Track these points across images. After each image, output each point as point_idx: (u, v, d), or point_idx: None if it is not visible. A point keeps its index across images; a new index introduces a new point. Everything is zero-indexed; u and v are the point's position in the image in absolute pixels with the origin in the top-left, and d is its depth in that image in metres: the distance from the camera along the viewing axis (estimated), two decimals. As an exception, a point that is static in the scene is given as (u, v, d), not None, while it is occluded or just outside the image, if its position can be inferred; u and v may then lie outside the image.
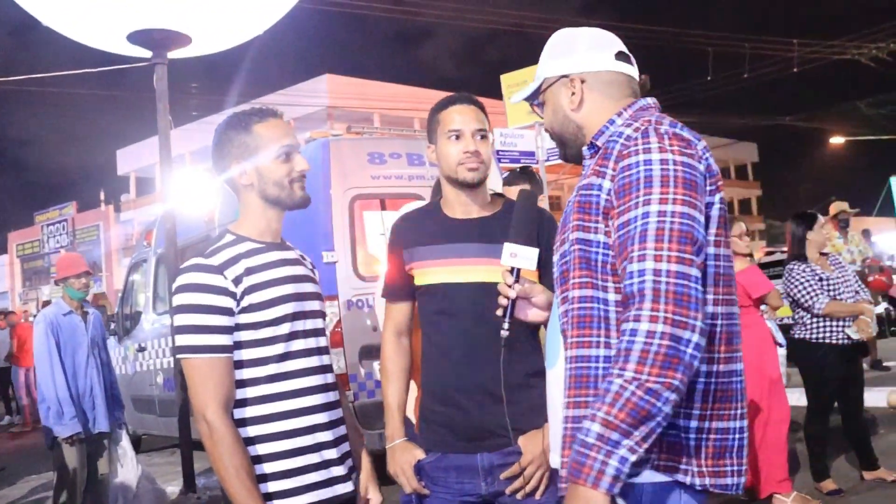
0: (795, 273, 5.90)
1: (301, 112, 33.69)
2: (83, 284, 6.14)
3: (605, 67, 2.11)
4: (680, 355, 1.71)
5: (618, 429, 1.70)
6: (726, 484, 1.89)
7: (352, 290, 6.66)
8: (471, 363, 2.62)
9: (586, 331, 1.91)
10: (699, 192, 1.86)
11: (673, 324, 1.72)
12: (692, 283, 1.76)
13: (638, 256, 1.79)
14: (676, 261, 1.76)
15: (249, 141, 2.44)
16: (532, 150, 11.97)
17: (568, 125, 2.14)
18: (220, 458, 2.25)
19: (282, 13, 7.69)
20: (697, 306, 1.75)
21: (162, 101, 7.31)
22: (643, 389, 1.70)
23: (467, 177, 2.67)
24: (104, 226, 42.58)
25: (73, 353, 6.03)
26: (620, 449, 1.70)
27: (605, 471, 1.70)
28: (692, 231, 1.80)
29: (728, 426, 1.90)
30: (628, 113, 2.06)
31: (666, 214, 1.80)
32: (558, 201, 31.91)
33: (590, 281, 1.93)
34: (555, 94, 2.15)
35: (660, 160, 1.85)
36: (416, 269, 2.74)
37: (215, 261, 2.35)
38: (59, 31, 7.25)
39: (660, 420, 1.72)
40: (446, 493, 2.66)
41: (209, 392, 2.28)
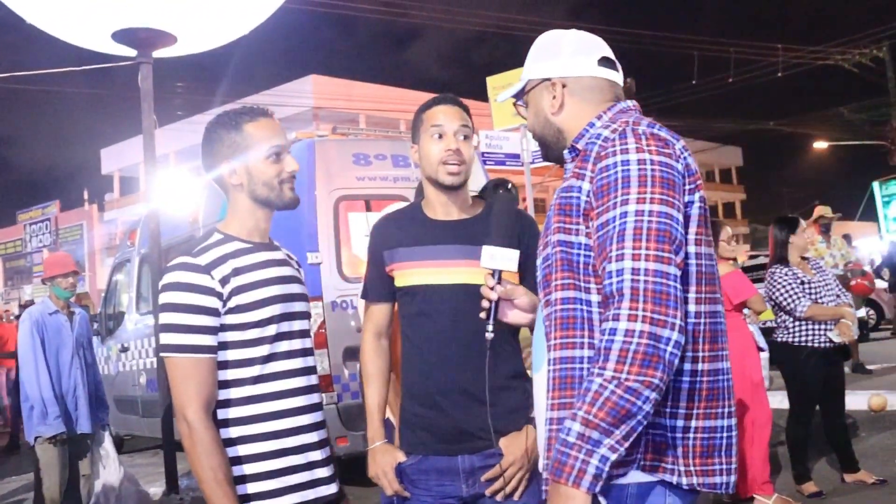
0: (777, 277, 5.95)
1: (286, 113, 33.61)
2: (70, 284, 6.12)
3: (588, 73, 2.12)
4: (660, 353, 1.72)
5: (598, 427, 1.71)
6: (715, 483, 1.90)
7: (336, 291, 6.66)
8: (451, 365, 2.62)
9: (570, 332, 1.92)
10: (677, 191, 1.87)
11: (652, 322, 1.72)
12: (671, 282, 1.77)
13: (616, 256, 1.80)
14: (655, 259, 1.77)
15: (239, 140, 2.43)
16: (517, 153, 11.98)
17: (548, 128, 2.15)
18: (198, 458, 2.24)
19: (268, 13, 7.67)
20: (676, 304, 1.76)
21: (147, 100, 7.28)
22: (623, 388, 1.71)
23: (447, 180, 2.67)
24: (87, 225, 42.36)
25: (57, 353, 6.01)
26: (601, 448, 1.71)
27: (586, 470, 1.70)
28: (670, 230, 1.81)
29: (715, 425, 1.90)
30: (608, 116, 2.07)
31: (644, 214, 1.81)
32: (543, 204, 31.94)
33: (572, 282, 1.93)
34: (537, 96, 2.16)
35: (637, 160, 1.86)
36: (396, 270, 2.73)
37: (202, 260, 2.34)
38: (43, 28, 7.21)
39: (640, 419, 1.73)
40: (427, 495, 2.66)
41: (191, 392, 2.27)
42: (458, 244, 2.66)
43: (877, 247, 22.28)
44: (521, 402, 2.66)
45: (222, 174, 2.46)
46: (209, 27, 7.48)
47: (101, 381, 6.47)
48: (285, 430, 2.38)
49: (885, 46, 27.06)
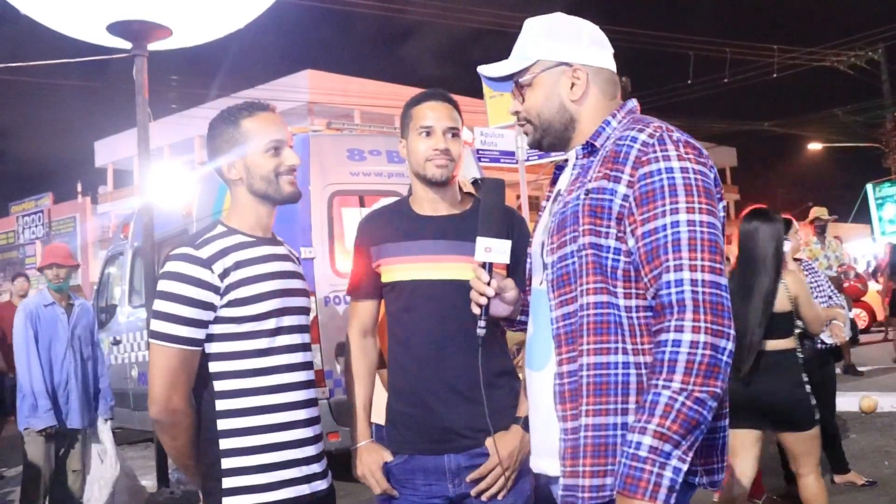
0: None
1: (282, 107, 33.49)
2: (54, 275, 6.06)
3: (607, 66, 2.10)
4: (719, 364, 1.75)
5: (670, 440, 1.72)
6: (714, 480, 1.94)
7: (329, 286, 6.66)
8: (439, 362, 2.61)
9: (604, 337, 1.89)
10: (715, 200, 1.89)
11: (713, 333, 1.75)
12: (723, 292, 1.80)
13: (675, 266, 1.80)
14: (710, 270, 1.79)
15: (237, 136, 2.43)
16: (512, 150, 11.98)
17: (562, 114, 2.09)
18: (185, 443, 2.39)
19: (264, 7, 7.65)
20: (730, 315, 1.79)
21: (141, 93, 7.26)
22: (692, 399, 1.72)
23: (435, 173, 2.64)
24: (81, 218, 42.23)
25: (49, 346, 5.96)
26: (673, 460, 1.72)
27: (661, 483, 1.71)
28: (718, 240, 1.84)
29: (717, 425, 1.94)
30: (621, 114, 2.06)
31: (695, 224, 1.82)
32: (537, 201, 31.94)
33: (605, 287, 1.91)
34: (551, 79, 2.09)
35: (680, 168, 1.86)
36: (383, 265, 2.71)
37: (204, 253, 2.34)
38: (38, 20, 7.18)
39: (703, 428, 1.75)
40: (413, 495, 2.64)
41: (180, 381, 2.32)
42: (446, 239, 2.64)
43: (869, 249, 22.33)
44: (508, 401, 2.65)
45: (222, 169, 2.47)
46: (205, 20, 7.46)
47: (103, 375, 6.40)
48: (283, 424, 2.39)
49: (880, 49, 27.12)
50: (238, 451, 2.34)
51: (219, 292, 2.32)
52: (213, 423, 2.37)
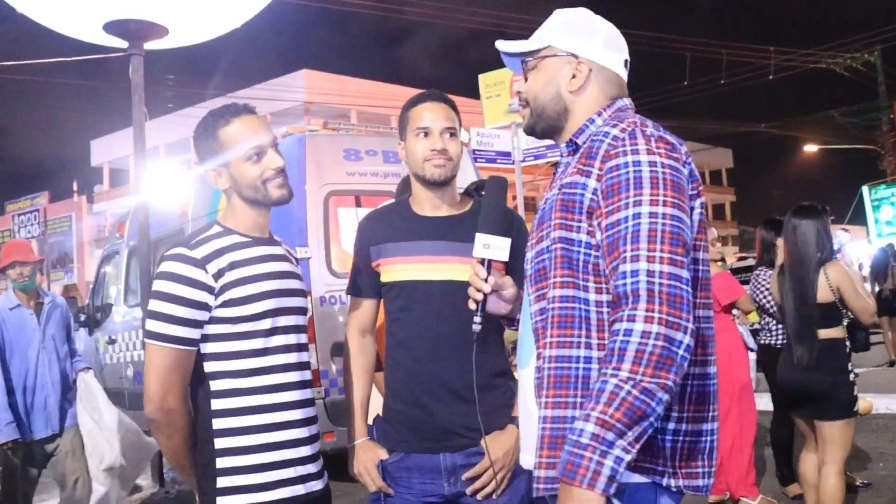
0: (762, 279, 5.97)
1: (278, 107, 33.56)
2: (18, 274, 5.59)
3: (613, 68, 2.11)
4: (673, 356, 1.71)
5: (613, 428, 1.69)
6: (698, 485, 1.91)
7: (325, 286, 6.65)
8: (437, 362, 2.62)
9: (567, 331, 1.90)
10: (685, 195, 1.87)
11: (667, 325, 1.72)
12: (683, 285, 1.77)
13: (631, 257, 1.79)
14: (669, 262, 1.77)
15: (217, 147, 2.43)
16: (508, 151, 11.99)
17: (557, 102, 2.11)
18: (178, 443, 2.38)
19: (260, 7, 7.64)
20: (689, 308, 1.76)
21: (137, 92, 7.23)
22: (639, 389, 1.69)
23: (434, 173, 2.66)
24: (76, 217, 42.22)
25: (22, 352, 5.56)
26: (615, 449, 1.68)
27: (600, 471, 1.68)
28: (682, 233, 1.81)
29: (701, 428, 1.91)
30: (608, 112, 2.06)
31: (657, 216, 1.80)
32: (533, 202, 31.97)
33: (571, 281, 1.91)
34: (555, 66, 2.11)
35: (648, 161, 1.85)
36: (382, 265, 2.72)
37: (199, 253, 2.34)
38: (33, 18, 7.17)
39: (652, 420, 1.72)
40: (409, 493, 2.65)
41: (174, 381, 2.33)
42: (446, 240, 2.65)
43: (865, 251, 22.35)
44: (504, 401, 2.66)
45: (210, 178, 2.47)
46: (201, 20, 7.45)
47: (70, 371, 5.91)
48: (278, 424, 2.40)
49: (876, 51, 27.20)
50: (233, 450, 2.34)
51: (213, 292, 2.32)
52: (208, 422, 2.37)
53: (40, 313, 5.70)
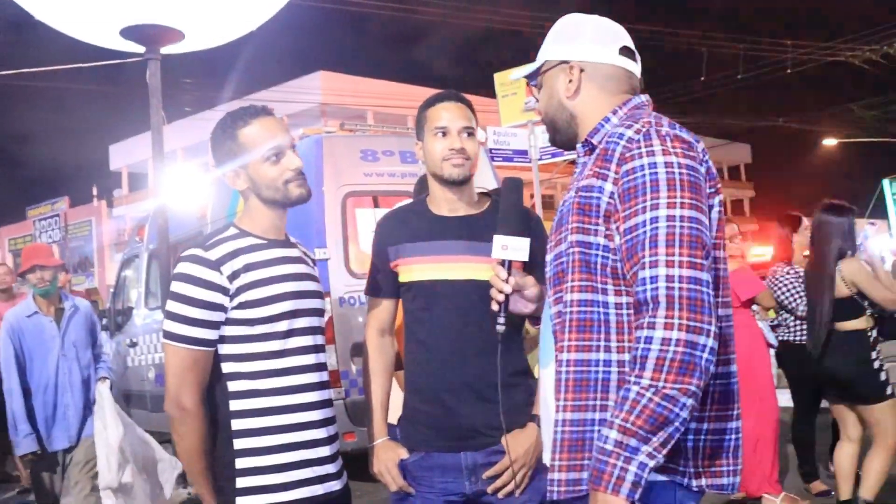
0: (779, 275, 5.95)
1: (294, 109, 33.63)
2: (38, 279, 5.36)
3: (607, 60, 2.09)
4: (696, 361, 1.72)
5: (636, 435, 1.71)
6: (722, 484, 1.91)
7: (344, 287, 6.67)
8: (457, 361, 2.62)
9: (586, 334, 1.90)
10: (703, 194, 1.86)
11: (688, 330, 1.72)
12: (704, 288, 1.76)
13: (650, 262, 1.78)
14: (689, 266, 1.76)
15: (235, 148, 2.44)
16: (525, 149, 11.97)
17: (561, 112, 2.12)
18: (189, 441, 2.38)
19: (276, 9, 7.67)
20: (710, 311, 1.75)
21: (155, 96, 7.29)
22: (660, 396, 1.71)
23: (452, 173, 2.67)
24: (96, 221, 42.45)
25: (42, 360, 5.36)
26: (639, 455, 1.71)
27: (624, 477, 1.70)
28: (701, 235, 1.80)
29: (725, 427, 1.92)
30: (623, 111, 2.05)
31: (675, 219, 1.79)
32: (551, 200, 31.93)
33: (590, 284, 1.91)
34: (552, 78, 2.13)
35: (664, 163, 1.84)
36: (401, 265, 2.73)
37: (213, 255, 2.36)
38: (51, 25, 7.23)
39: (678, 425, 1.73)
40: (430, 492, 2.66)
41: (191, 381, 2.35)
42: (464, 240, 2.66)
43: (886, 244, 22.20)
44: (524, 399, 2.66)
45: (228, 179, 2.49)
46: (217, 23, 7.49)
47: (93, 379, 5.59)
48: (297, 425, 2.42)
49: (895, 43, 26.95)
50: (252, 451, 2.35)
51: (228, 294, 2.34)
52: (227, 422, 2.39)
53: (61, 319, 5.47)
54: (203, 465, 2.39)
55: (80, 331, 5.54)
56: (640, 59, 2.16)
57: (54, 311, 5.47)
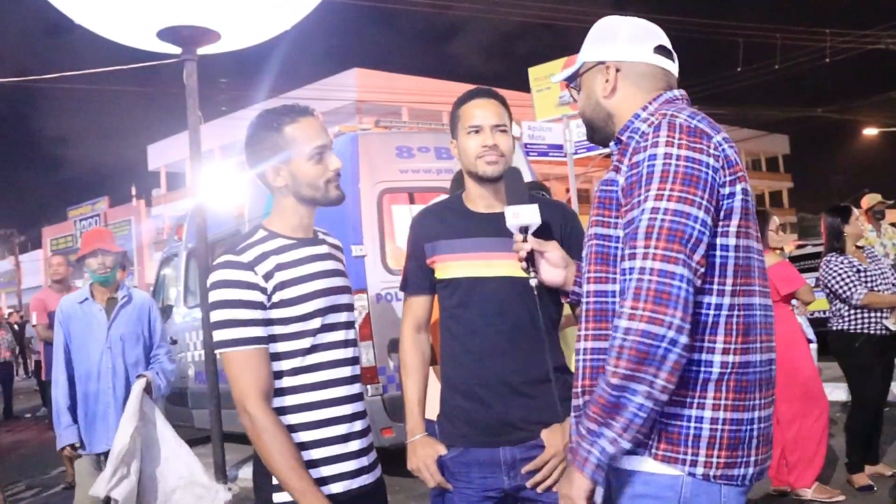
0: (833, 265, 5.89)
1: (330, 106, 33.81)
2: (99, 263, 4.95)
3: (642, 59, 2.11)
4: (650, 350, 1.76)
5: (595, 421, 1.84)
6: (733, 475, 1.90)
7: (381, 283, 6.69)
8: (494, 357, 2.63)
9: (602, 324, 1.98)
10: (700, 187, 1.86)
11: (649, 321, 1.76)
12: (675, 281, 1.78)
13: (629, 254, 1.85)
14: (661, 259, 1.80)
15: (281, 142, 2.44)
16: (560, 143, 11.94)
17: (599, 111, 2.16)
18: (266, 445, 2.30)
19: (310, 8, 7.72)
20: (677, 304, 1.77)
21: (192, 97, 7.37)
22: (609, 385, 1.81)
23: (486, 170, 2.67)
24: (135, 220, 42.98)
25: (86, 350, 4.97)
26: (601, 440, 1.83)
27: (589, 458, 1.85)
28: (683, 228, 1.82)
29: (743, 417, 1.91)
30: (653, 106, 2.07)
31: (658, 211, 1.83)
32: (587, 194, 31.84)
33: (604, 276, 1.98)
34: (590, 79, 2.17)
35: (663, 154, 1.87)
36: (437, 262, 2.74)
37: (245, 258, 2.38)
38: (90, 28, 7.33)
39: (634, 411, 1.79)
40: (468, 488, 2.66)
41: (248, 384, 2.32)
42: (500, 237, 2.66)
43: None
44: (562, 394, 2.66)
45: (266, 175, 2.49)
46: (252, 23, 7.54)
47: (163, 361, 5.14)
48: (330, 420, 2.42)
49: (936, 29, 26.49)
50: (299, 445, 2.37)
51: (266, 293, 2.36)
52: None
53: (113, 310, 5.04)
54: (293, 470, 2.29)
55: (131, 324, 5.08)
56: (677, 58, 2.18)
57: (107, 300, 5.07)
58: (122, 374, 4.95)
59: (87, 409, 4.95)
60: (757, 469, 1.95)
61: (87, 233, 5.25)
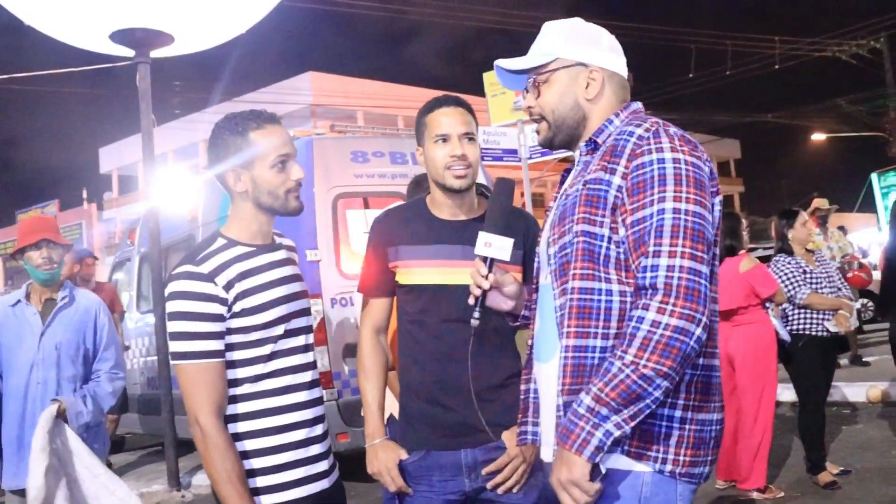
0: (780, 265, 6.09)
1: (285, 110, 33.60)
2: (44, 258, 4.05)
3: (620, 71, 2.19)
4: (681, 346, 1.80)
5: (608, 405, 1.82)
6: (694, 472, 1.96)
7: (336, 288, 6.69)
8: (455, 362, 2.62)
9: (585, 321, 1.97)
10: (707, 192, 1.94)
11: (681, 317, 1.80)
12: (703, 280, 1.85)
13: (654, 252, 1.87)
14: (690, 257, 1.85)
15: (245, 148, 2.42)
16: (514, 148, 11.99)
17: (576, 112, 2.16)
18: (213, 462, 2.30)
19: (265, 11, 7.70)
20: (705, 302, 1.84)
21: (145, 100, 7.31)
22: (638, 374, 1.80)
23: (455, 184, 2.66)
24: (87, 224, 42.30)
25: (16, 364, 4.07)
26: (607, 423, 1.82)
27: (589, 440, 1.83)
28: (703, 230, 1.89)
29: (707, 418, 1.98)
30: (625, 114, 2.13)
31: (680, 212, 1.88)
32: (541, 198, 31.96)
33: (591, 273, 1.98)
34: (567, 77, 2.16)
35: (672, 159, 1.93)
36: (400, 267, 2.73)
37: (205, 268, 2.36)
38: (41, 30, 7.23)
39: (649, 402, 1.83)
40: (429, 491, 2.66)
41: (201, 397, 2.31)
42: (466, 245, 2.65)
43: (875, 238, 22.28)
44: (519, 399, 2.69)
45: (227, 179, 2.47)
46: (206, 27, 7.51)
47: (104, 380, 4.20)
48: (290, 425, 2.43)
49: (882, 38, 27.04)
50: (247, 454, 2.37)
51: (226, 304, 2.35)
52: None
53: (50, 313, 4.13)
54: (236, 491, 2.28)
55: (71, 331, 4.14)
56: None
57: (45, 301, 4.18)
58: (55, 393, 4.03)
59: (12, 435, 4.08)
60: (711, 468, 2.02)
61: (27, 221, 4.33)
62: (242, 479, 2.31)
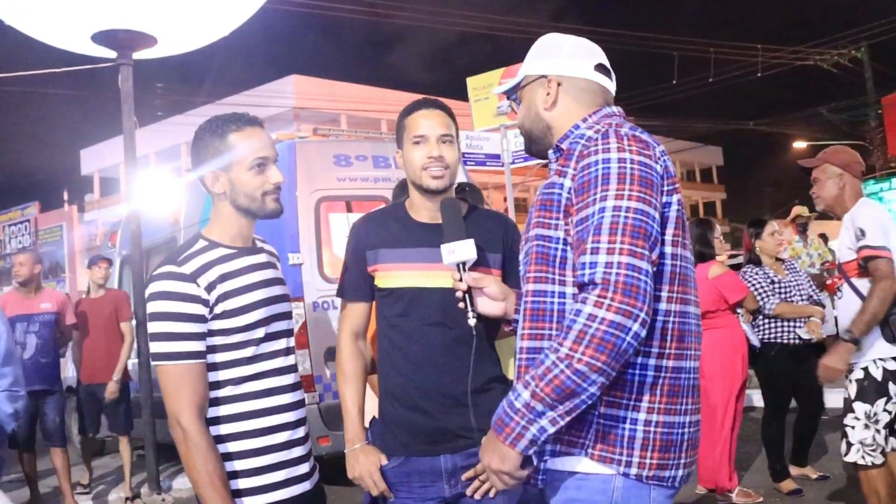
0: (749, 276, 6.16)
1: (268, 113, 33.49)
2: None
3: (582, 75, 2.18)
4: (616, 342, 1.79)
5: (543, 401, 1.83)
6: (664, 476, 1.96)
7: (317, 291, 6.68)
8: (435, 368, 2.63)
9: (539, 324, 2.00)
10: (655, 190, 1.93)
11: (617, 311, 1.79)
12: (642, 276, 1.83)
13: (591, 249, 1.86)
14: (628, 253, 1.83)
15: (223, 149, 2.42)
16: (497, 153, 12.03)
17: (538, 123, 2.20)
18: (194, 463, 2.29)
19: (249, 14, 7.69)
20: (645, 299, 1.82)
21: (127, 101, 7.28)
22: (572, 370, 1.80)
23: (431, 184, 2.67)
24: (67, 226, 41.91)
25: None
26: (542, 419, 1.84)
27: (524, 435, 1.86)
28: (645, 226, 1.87)
29: (674, 420, 1.97)
30: (593, 119, 2.13)
31: (621, 209, 1.87)
32: (524, 203, 32.03)
33: (544, 276, 2.00)
34: (531, 91, 2.21)
35: (618, 158, 1.92)
36: (380, 270, 2.72)
37: (187, 269, 2.35)
38: (21, 30, 7.19)
39: (584, 398, 1.83)
40: (409, 497, 2.66)
41: (183, 398, 2.30)
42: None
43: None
44: (499, 403, 2.69)
45: (206, 180, 2.47)
46: (190, 29, 7.48)
47: None
48: (272, 427, 2.42)
49: (863, 47, 27.28)
50: (229, 455, 2.36)
51: (208, 305, 2.34)
52: None
53: None
54: (218, 493, 2.28)
55: None
56: (614, 76, 2.25)
57: None
58: None
59: None
60: (685, 472, 2.01)
61: None
62: (224, 481, 2.30)
